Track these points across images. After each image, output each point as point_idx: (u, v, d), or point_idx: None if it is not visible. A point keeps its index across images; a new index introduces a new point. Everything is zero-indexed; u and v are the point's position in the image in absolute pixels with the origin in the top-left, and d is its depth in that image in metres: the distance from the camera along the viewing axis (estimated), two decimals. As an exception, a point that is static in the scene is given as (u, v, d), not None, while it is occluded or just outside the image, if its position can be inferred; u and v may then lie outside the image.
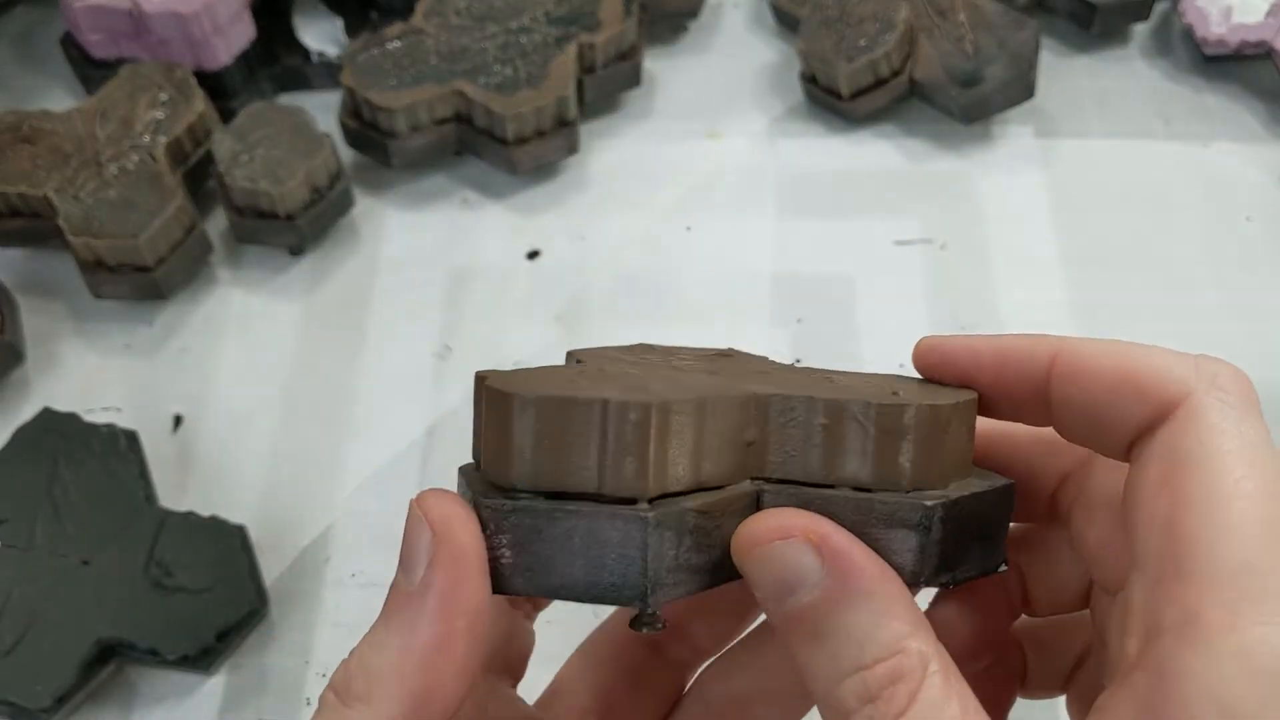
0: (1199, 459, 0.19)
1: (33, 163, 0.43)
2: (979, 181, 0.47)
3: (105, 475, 0.37)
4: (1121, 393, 0.21)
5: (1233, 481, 0.19)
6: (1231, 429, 0.20)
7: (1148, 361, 0.21)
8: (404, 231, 0.46)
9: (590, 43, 0.46)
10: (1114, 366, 0.21)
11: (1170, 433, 0.20)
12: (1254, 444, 0.19)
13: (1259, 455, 0.19)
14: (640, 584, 0.19)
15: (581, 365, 0.23)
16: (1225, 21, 0.47)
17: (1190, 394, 0.20)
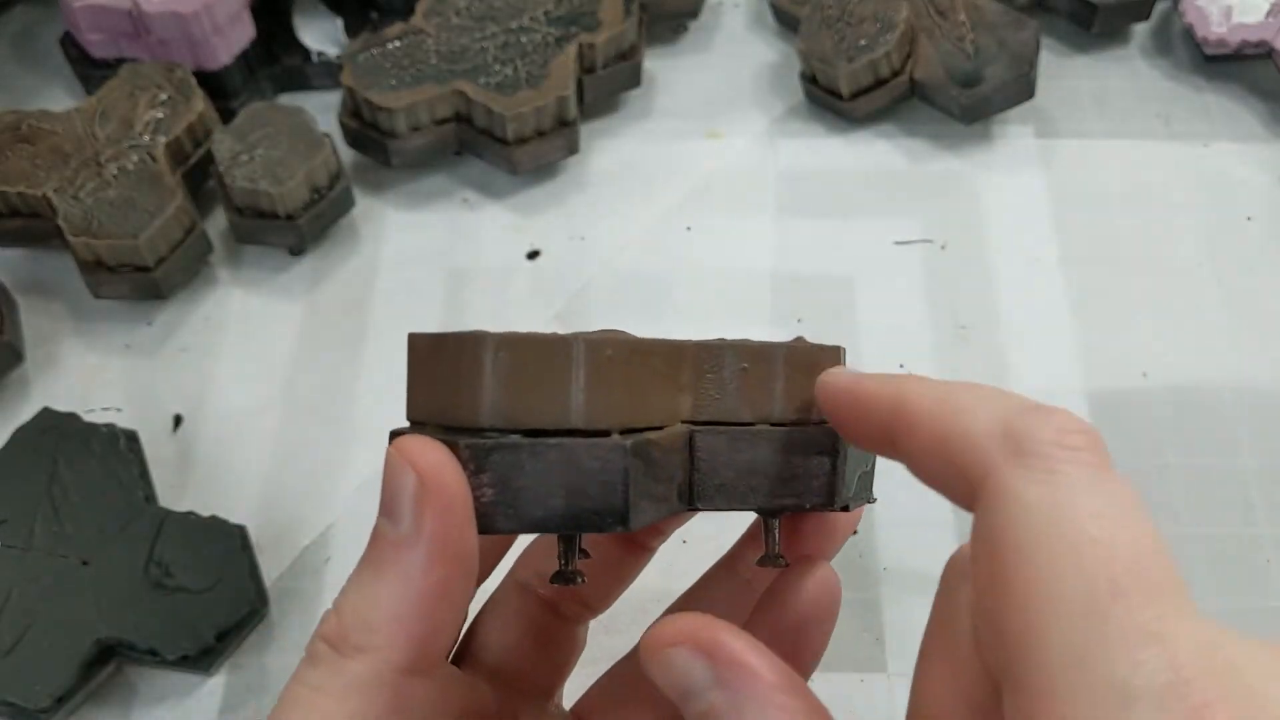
0: (1006, 545, 0.18)
1: (32, 163, 0.43)
2: (979, 181, 0.47)
3: (105, 475, 0.37)
4: (940, 464, 0.20)
5: (1044, 568, 0.17)
6: (1036, 500, 0.18)
7: (960, 428, 0.19)
8: (404, 231, 0.46)
9: (590, 43, 0.46)
10: (932, 433, 0.20)
11: (981, 516, 0.19)
12: (1068, 518, 0.17)
13: (1074, 531, 0.17)
14: (621, 509, 0.21)
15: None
16: (1225, 21, 0.47)
17: (989, 473, 0.18)
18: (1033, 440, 0.18)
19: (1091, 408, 0.40)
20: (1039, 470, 0.18)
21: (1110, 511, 0.17)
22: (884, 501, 0.39)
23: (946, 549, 0.38)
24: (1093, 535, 0.17)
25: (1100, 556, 0.17)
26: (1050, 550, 0.17)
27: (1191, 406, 0.40)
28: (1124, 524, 0.17)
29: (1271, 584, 0.37)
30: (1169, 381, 0.41)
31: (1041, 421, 0.18)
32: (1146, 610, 0.16)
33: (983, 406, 0.19)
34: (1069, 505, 0.17)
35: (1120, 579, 0.17)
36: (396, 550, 0.20)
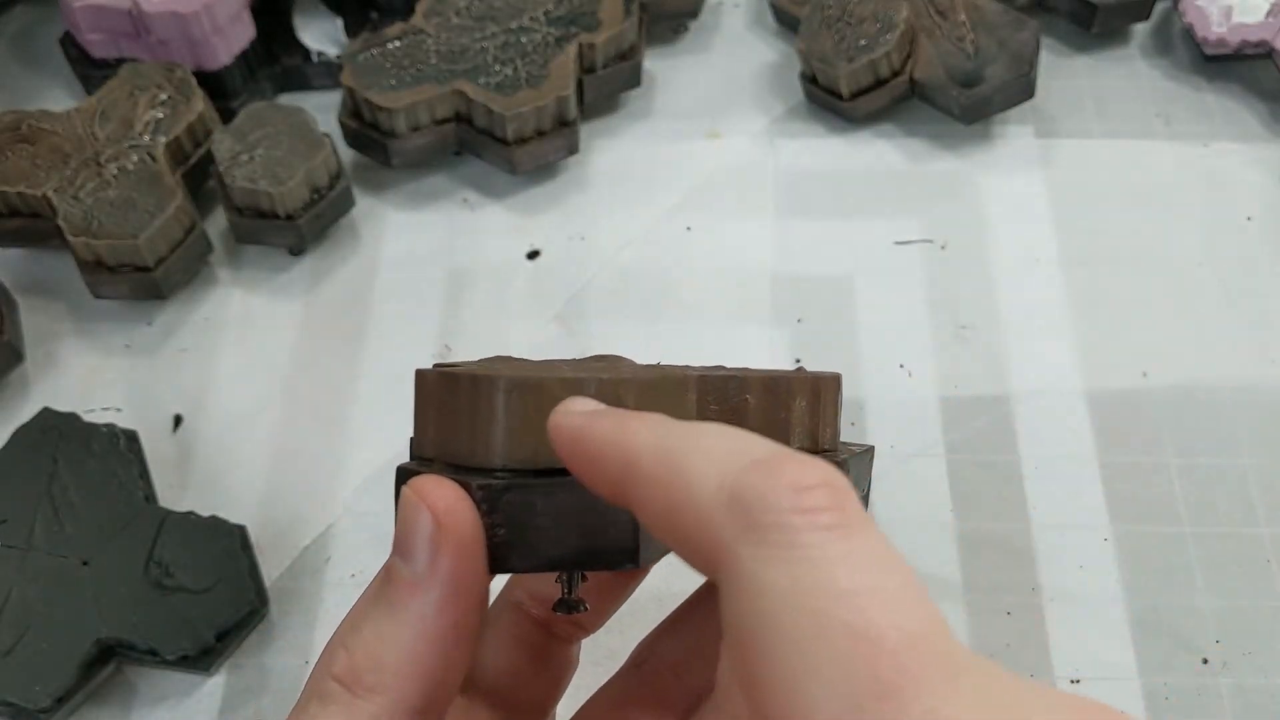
0: (751, 636, 0.16)
1: (32, 163, 0.43)
2: (979, 181, 0.47)
3: (105, 475, 0.37)
4: (671, 537, 0.18)
5: (797, 666, 0.15)
6: (775, 584, 0.16)
7: (687, 499, 0.17)
8: (404, 231, 0.46)
9: (590, 43, 0.46)
10: (662, 504, 0.18)
11: (722, 601, 0.17)
12: (816, 604, 0.15)
13: (826, 620, 0.15)
14: (631, 547, 0.21)
15: (513, 359, 0.25)
16: (1225, 21, 0.47)
17: (722, 549, 0.16)
18: (764, 508, 0.16)
19: (1091, 408, 0.40)
20: (776, 546, 0.16)
21: (863, 587, 0.15)
22: (884, 501, 0.39)
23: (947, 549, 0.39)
24: (847, 622, 0.15)
25: (859, 650, 0.15)
26: (802, 647, 0.15)
27: (1191, 406, 0.40)
28: (881, 601, 0.15)
29: (1272, 584, 0.37)
30: (1169, 381, 0.41)
31: (771, 482, 0.16)
32: (917, 705, 0.15)
33: (706, 466, 0.17)
34: (815, 588, 0.15)
35: (884, 675, 0.15)
36: (411, 591, 0.20)
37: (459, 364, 0.25)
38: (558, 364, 0.26)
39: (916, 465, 0.39)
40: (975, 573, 0.37)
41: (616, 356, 0.29)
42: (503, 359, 0.28)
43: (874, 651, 0.15)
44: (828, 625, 0.15)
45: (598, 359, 0.29)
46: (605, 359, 0.29)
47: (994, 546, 0.38)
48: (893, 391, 0.41)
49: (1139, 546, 0.37)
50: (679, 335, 0.43)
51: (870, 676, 0.15)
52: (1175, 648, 0.36)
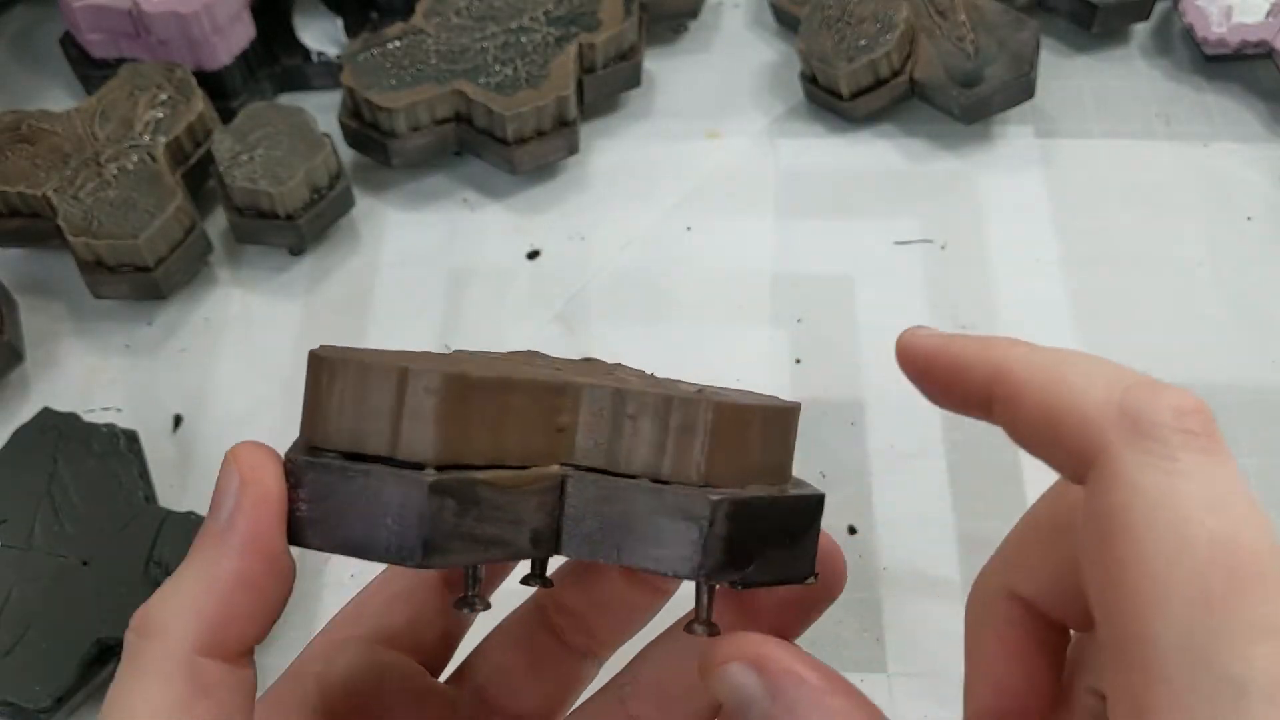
0: (1119, 528, 0.18)
1: (32, 163, 0.43)
2: (979, 181, 0.47)
3: (105, 475, 0.37)
4: (1048, 434, 0.19)
5: (1159, 559, 0.17)
6: (1152, 487, 0.17)
7: (1070, 402, 0.19)
8: (404, 231, 0.46)
9: (590, 43, 0.46)
10: (1039, 402, 0.19)
11: (1091, 494, 0.18)
12: (1185, 509, 0.17)
13: (1193, 523, 0.17)
14: (413, 546, 0.20)
15: (441, 353, 0.25)
16: (1225, 21, 0.47)
17: (1104, 449, 0.18)
18: (1149, 422, 0.18)
19: (1091, 408, 0.40)
20: (1156, 455, 0.18)
21: (1227, 504, 0.17)
22: (884, 501, 0.39)
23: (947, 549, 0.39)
24: (1210, 528, 0.17)
25: (1217, 550, 0.17)
26: (1167, 541, 0.17)
27: (1191, 406, 0.40)
28: (1241, 517, 0.17)
29: (1271, 584, 0.37)
30: (1169, 381, 0.41)
31: (1158, 400, 0.18)
32: (1262, 606, 0.16)
33: (1095, 379, 0.19)
34: (1187, 496, 0.17)
35: (1237, 573, 0.17)
36: (207, 541, 0.21)
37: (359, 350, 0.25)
38: (459, 356, 0.25)
39: (916, 465, 0.39)
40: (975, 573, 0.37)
41: (614, 364, 0.29)
42: (528, 352, 0.27)
43: (1229, 553, 0.17)
44: (1193, 527, 0.17)
45: (586, 361, 0.29)
46: (592, 362, 0.28)
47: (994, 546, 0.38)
48: (893, 391, 0.41)
49: (1139, 546, 0.37)
50: (679, 335, 0.43)
51: (1223, 572, 0.17)
52: (1175, 648, 0.36)
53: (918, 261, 0.44)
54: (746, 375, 0.42)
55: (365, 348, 0.23)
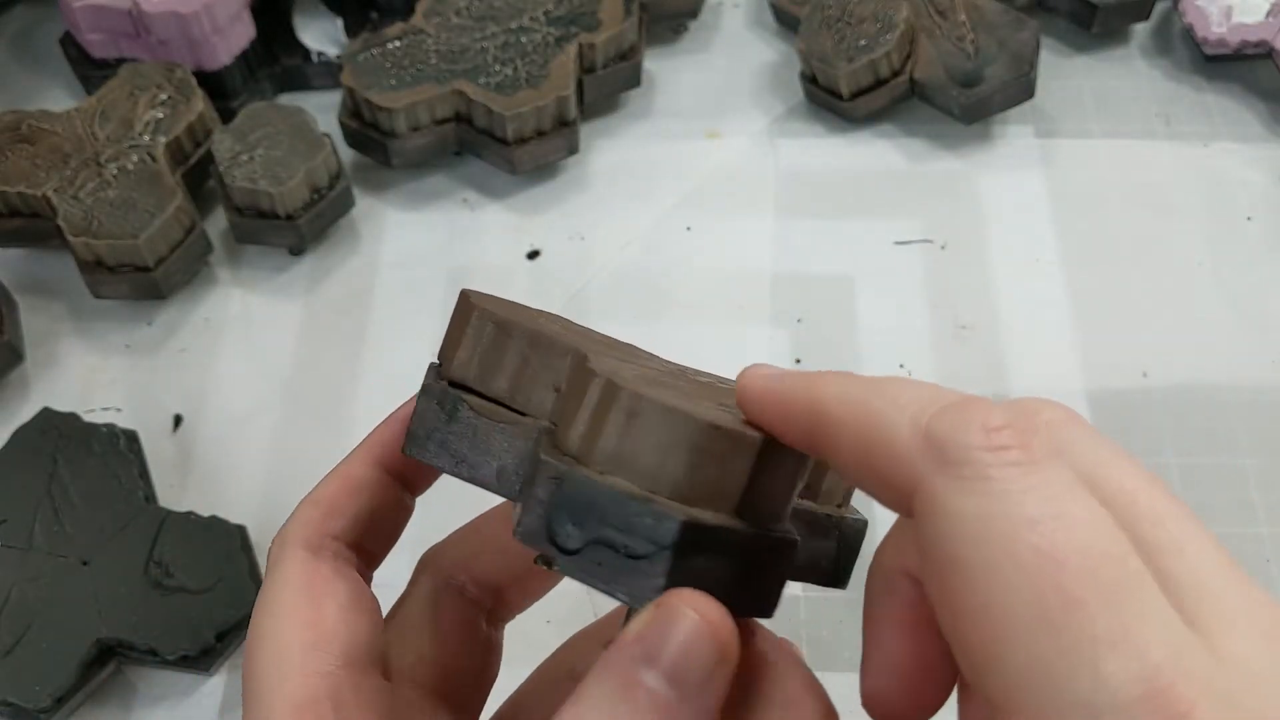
0: (948, 561, 0.17)
1: (32, 163, 0.43)
2: (979, 181, 0.47)
3: (105, 475, 0.37)
4: (866, 475, 0.19)
5: (988, 586, 0.16)
6: (970, 513, 0.17)
7: (880, 437, 0.18)
8: (404, 231, 0.46)
9: (590, 43, 0.46)
10: (853, 443, 0.19)
11: (919, 528, 0.18)
12: (1006, 530, 0.16)
13: (1015, 543, 0.16)
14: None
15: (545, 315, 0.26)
16: (1225, 21, 0.47)
17: (918, 481, 0.18)
18: (957, 445, 0.17)
19: (1091, 408, 0.40)
20: (968, 479, 0.17)
21: (1049, 515, 0.16)
22: (884, 501, 0.39)
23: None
24: (1034, 545, 0.16)
25: (1046, 566, 0.16)
26: (995, 567, 0.16)
27: (1191, 406, 0.40)
28: (1066, 527, 0.16)
29: (1271, 584, 0.37)
30: (1169, 381, 0.41)
31: (962, 423, 0.17)
32: (1103, 617, 0.16)
33: (903, 409, 0.18)
34: (1004, 515, 0.17)
35: (1071, 588, 0.16)
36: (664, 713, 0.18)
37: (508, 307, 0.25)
38: (595, 338, 0.26)
39: (916, 465, 0.39)
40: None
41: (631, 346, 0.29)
42: (539, 312, 0.27)
43: (1059, 568, 0.16)
44: (1016, 548, 0.16)
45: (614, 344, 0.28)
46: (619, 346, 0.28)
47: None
48: (893, 391, 0.41)
49: (1139, 546, 0.37)
50: (679, 335, 0.43)
51: (1055, 589, 0.16)
52: (1175, 648, 0.36)
53: (918, 261, 0.44)
54: (746, 375, 0.42)
55: (509, 302, 0.25)
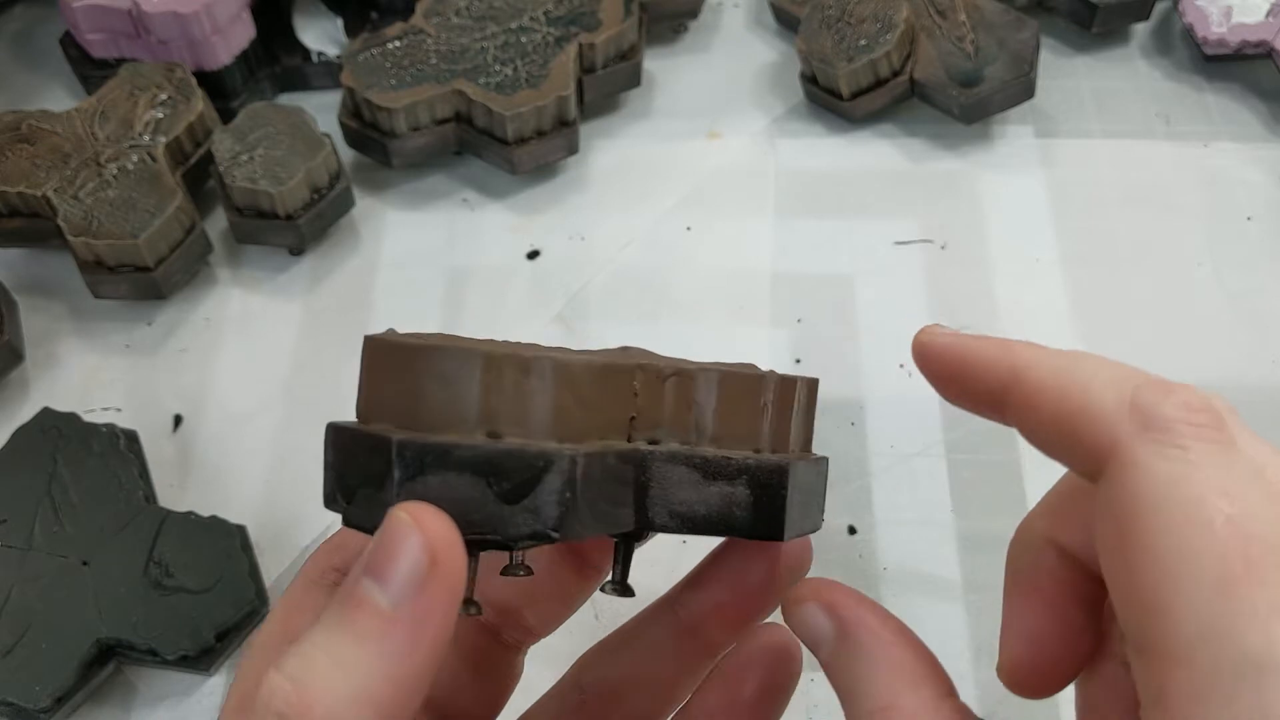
0: (1134, 516, 0.18)
1: (32, 163, 0.43)
2: (979, 181, 0.47)
3: (105, 475, 0.37)
4: (1063, 434, 0.20)
5: (1175, 542, 0.17)
6: (1165, 474, 0.18)
7: (1084, 403, 0.20)
8: (404, 231, 0.46)
9: (590, 43, 0.46)
10: (1055, 403, 0.20)
11: (1107, 487, 0.19)
12: (1200, 494, 0.18)
13: (1208, 507, 0.17)
14: None
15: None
16: (1225, 21, 0.47)
17: (1117, 442, 0.19)
18: (1160, 416, 0.18)
19: (1091, 408, 0.40)
20: (1168, 445, 0.18)
21: (1240, 488, 0.18)
22: (884, 501, 0.39)
23: (947, 549, 0.39)
24: (1225, 511, 0.17)
25: (1233, 532, 0.17)
26: (1184, 525, 0.17)
27: (1191, 406, 0.40)
28: (1255, 501, 0.17)
29: (1271, 584, 0.37)
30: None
31: (1167, 397, 0.19)
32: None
33: (1105, 380, 0.19)
34: (1200, 482, 0.18)
35: (1253, 554, 0.17)
36: (386, 626, 0.18)
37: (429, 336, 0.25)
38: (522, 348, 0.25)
39: (916, 465, 0.39)
40: (975, 573, 0.37)
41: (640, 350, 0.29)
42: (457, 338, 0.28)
43: (1245, 534, 0.17)
44: (1207, 513, 0.17)
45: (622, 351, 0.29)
46: (628, 351, 0.28)
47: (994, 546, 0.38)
48: (893, 391, 0.41)
49: (1139, 546, 0.37)
50: (679, 335, 0.43)
51: (1240, 553, 0.17)
52: (1175, 648, 0.36)
53: (918, 261, 0.44)
54: (746, 375, 0.42)
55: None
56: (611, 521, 0.22)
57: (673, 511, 0.23)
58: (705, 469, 0.23)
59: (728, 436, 0.23)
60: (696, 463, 0.23)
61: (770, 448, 0.24)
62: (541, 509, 0.20)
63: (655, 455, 0.23)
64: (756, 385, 0.24)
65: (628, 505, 0.22)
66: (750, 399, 0.24)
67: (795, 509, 0.23)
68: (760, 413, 0.24)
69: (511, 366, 0.21)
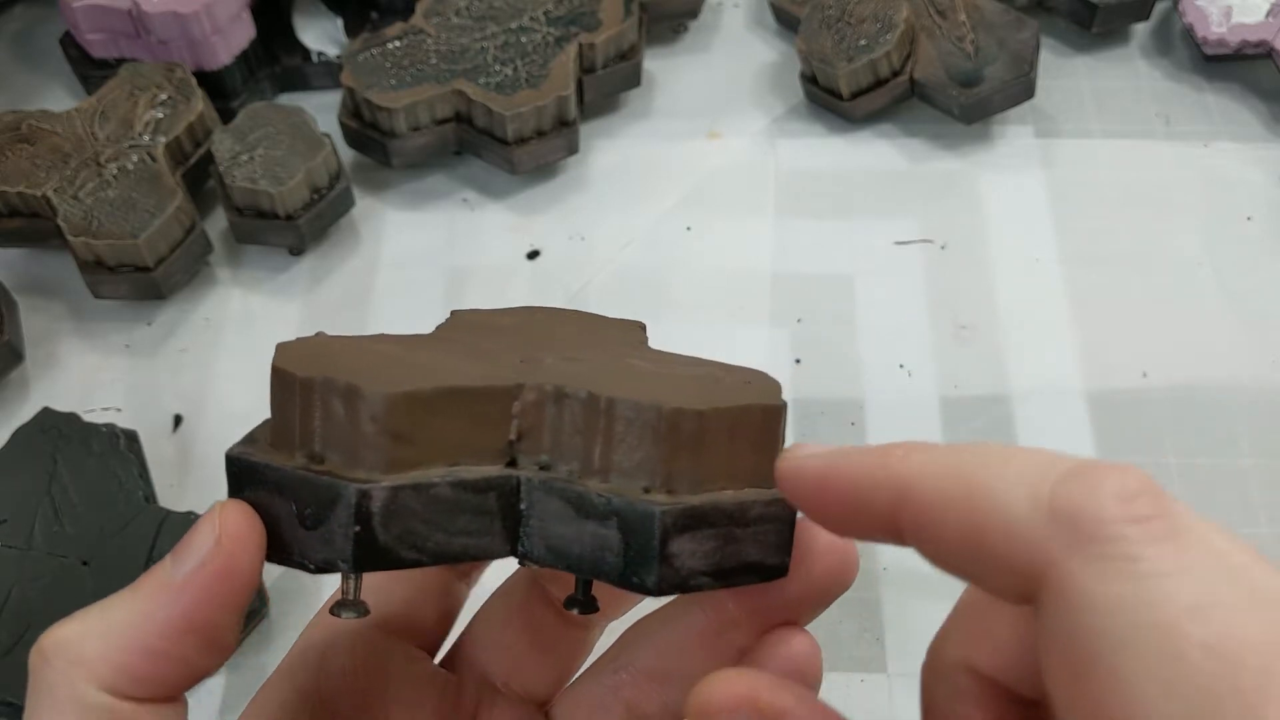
0: (1091, 656, 0.15)
1: (32, 163, 0.43)
2: (979, 181, 0.47)
3: (105, 475, 0.37)
4: (976, 559, 0.17)
5: (1147, 687, 0.14)
6: (1119, 600, 0.15)
7: (993, 518, 0.16)
8: (404, 231, 0.46)
9: (590, 43, 0.46)
10: (958, 522, 0.17)
11: (1049, 619, 0.16)
12: (1159, 609, 0.14)
13: (1177, 637, 0.14)
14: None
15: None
16: (1225, 21, 0.47)
17: (1048, 565, 0.15)
18: (1092, 520, 0.15)
19: (1091, 408, 0.40)
20: (1111, 559, 0.15)
21: (1211, 602, 0.14)
22: (884, 501, 0.39)
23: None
24: (1201, 639, 0.14)
25: (1215, 664, 0.14)
26: (1153, 665, 0.14)
27: (1191, 406, 0.40)
28: (1234, 608, 0.14)
29: (1271, 584, 0.37)
30: (1169, 381, 0.41)
31: (1094, 491, 0.15)
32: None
33: (1014, 478, 0.16)
34: (1161, 603, 0.14)
35: (1250, 690, 0.14)
36: (158, 588, 0.20)
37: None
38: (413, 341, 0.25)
39: (916, 465, 0.39)
40: (975, 573, 0.37)
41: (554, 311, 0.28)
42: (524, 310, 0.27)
43: (1235, 670, 0.14)
44: (1179, 644, 0.14)
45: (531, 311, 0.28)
46: (532, 312, 0.28)
47: (994, 546, 0.38)
48: (893, 391, 0.41)
49: (1139, 546, 0.37)
50: (679, 335, 0.43)
51: (1233, 696, 0.14)
52: (1175, 648, 0.36)
53: (918, 261, 0.44)
54: (746, 375, 0.42)
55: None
56: (472, 551, 0.21)
57: (549, 546, 0.21)
58: (577, 505, 0.21)
59: (616, 470, 0.21)
60: (569, 497, 0.21)
61: (668, 487, 0.21)
62: (334, 539, 0.20)
63: (531, 484, 0.21)
64: (656, 415, 0.20)
65: (493, 534, 0.21)
66: (647, 429, 0.21)
67: (692, 558, 0.20)
68: (664, 443, 0.20)
69: (337, 393, 0.20)
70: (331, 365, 0.21)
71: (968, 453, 0.17)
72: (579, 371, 0.22)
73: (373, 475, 0.20)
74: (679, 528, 0.20)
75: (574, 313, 0.28)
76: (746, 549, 0.21)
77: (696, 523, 0.20)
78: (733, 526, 0.21)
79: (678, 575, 0.20)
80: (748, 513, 0.21)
